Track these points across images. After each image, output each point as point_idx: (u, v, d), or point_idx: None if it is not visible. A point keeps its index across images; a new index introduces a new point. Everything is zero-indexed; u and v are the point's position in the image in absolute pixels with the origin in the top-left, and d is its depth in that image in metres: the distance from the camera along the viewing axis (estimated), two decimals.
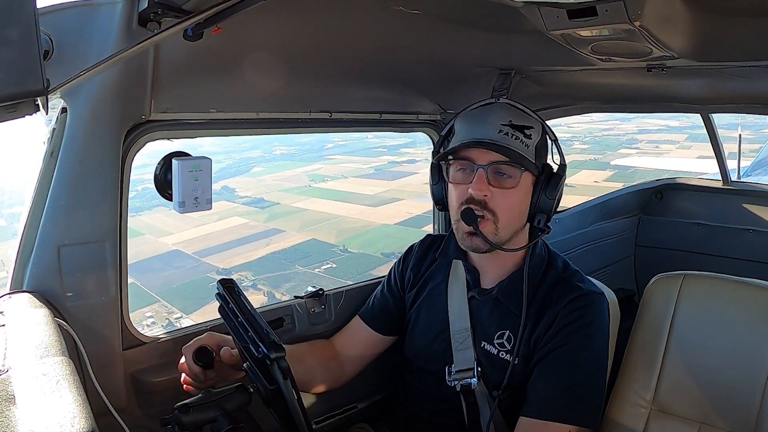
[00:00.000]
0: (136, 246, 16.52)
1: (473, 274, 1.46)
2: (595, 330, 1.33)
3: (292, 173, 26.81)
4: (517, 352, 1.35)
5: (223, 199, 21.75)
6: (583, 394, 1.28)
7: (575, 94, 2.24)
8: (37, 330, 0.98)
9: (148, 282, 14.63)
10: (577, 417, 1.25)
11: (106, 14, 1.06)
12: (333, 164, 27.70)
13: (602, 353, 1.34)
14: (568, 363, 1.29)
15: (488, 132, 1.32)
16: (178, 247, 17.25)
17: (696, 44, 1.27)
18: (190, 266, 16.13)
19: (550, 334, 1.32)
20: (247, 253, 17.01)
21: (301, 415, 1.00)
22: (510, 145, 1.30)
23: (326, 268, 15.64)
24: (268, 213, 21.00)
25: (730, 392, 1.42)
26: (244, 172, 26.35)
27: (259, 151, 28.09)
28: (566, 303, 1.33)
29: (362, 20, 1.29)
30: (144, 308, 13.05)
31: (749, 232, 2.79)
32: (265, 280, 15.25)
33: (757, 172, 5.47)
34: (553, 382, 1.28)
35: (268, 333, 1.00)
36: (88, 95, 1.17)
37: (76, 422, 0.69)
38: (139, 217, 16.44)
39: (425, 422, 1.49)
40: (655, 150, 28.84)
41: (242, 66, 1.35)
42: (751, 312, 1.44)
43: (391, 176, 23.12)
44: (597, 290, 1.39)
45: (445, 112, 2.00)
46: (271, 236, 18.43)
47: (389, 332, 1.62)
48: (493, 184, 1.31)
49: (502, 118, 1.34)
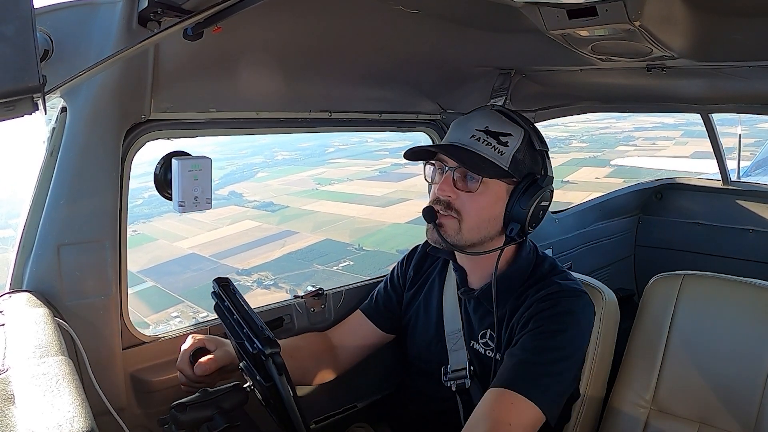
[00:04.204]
0: (151, 251, 17.08)
1: (461, 273, 1.46)
2: (571, 321, 1.30)
3: (297, 177, 27.20)
4: (499, 349, 1.35)
5: (233, 203, 22.26)
6: (544, 374, 1.24)
7: (575, 93, 2.24)
8: (37, 329, 0.98)
9: (169, 284, 15.01)
10: (532, 392, 1.20)
11: (106, 14, 1.06)
12: (336, 168, 28.07)
13: (573, 345, 1.30)
14: (536, 343, 1.27)
15: (461, 136, 1.33)
16: (194, 250, 17.61)
17: (696, 44, 1.27)
18: (209, 268, 16.44)
19: (524, 323, 1.31)
20: (264, 254, 17.38)
21: (298, 413, 1.00)
22: (478, 150, 1.30)
23: (344, 265, 16.06)
24: (279, 216, 21.39)
25: (730, 392, 1.42)
26: (249, 178, 26.80)
27: (261, 156, 28.55)
28: (543, 296, 1.32)
29: (362, 20, 1.29)
30: (169, 309, 13.37)
31: (749, 232, 2.80)
32: (286, 278, 15.64)
33: (757, 172, 5.46)
34: (518, 356, 1.26)
35: (263, 329, 1.01)
36: (88, 95, 1.17)
37: (75, 422, 0.69)
38: (151, 223, 16.68)
39: (424, 422, 1.50)
40: (652, 147, 29.04)
41: (242, 66, 1.34)
42: (751, 312, 1.44)
43: (396, 178, 23.33)
44: (578, 288, 1.36)
45: (445, 112, 2.00)
46: (285, 238, 18.85)
47: (389, 329, 1.62)
48: (459, 187, 1.32)
49: (479, 123, 1.34)
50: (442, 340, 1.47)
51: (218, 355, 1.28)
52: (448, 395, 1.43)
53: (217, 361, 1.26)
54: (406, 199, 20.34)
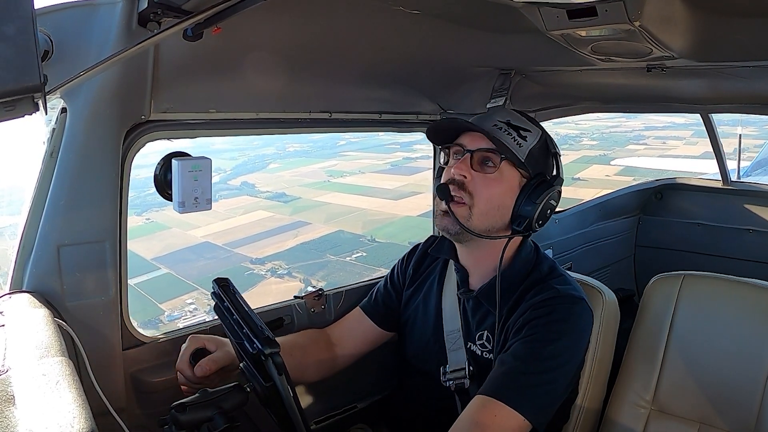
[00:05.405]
0: (165, 239, 17.22)
1: (462, 273, 1.46)
2: (565, 329, 1.29)
3: (309, 169, 27.29)
4: (495, 352, 1.34)
5: (245, 194, 22.41)
6: (533, 385, 1.23)
7: (575, 94, 2.25)
8: (37, 330, 0.98)
9: (184, 272, 15.11)
10: (519, 403, 1.19)
11: (106, 14, 1.06)
12: (348, 160, 28.18)
13: (567, 353, 1.28)
14: (528, 352, 1.26)
15: (484, 124, 1.36)
16: (208, 239, 17.72)
17: (696, 44, 1.27)
18: (223, 257, 16.57)
19: (518, 328, 1.30)
20: (277, 244, 17.48)
21: (298, 413, 1.00)
22: (500, 137, 1.33)
23: (357, 256, 16.18)
24: (291, 207, 21.51)
25: (730, 392, 1.42)
26: (261, 169, 26.90)
27: (272, 148, 28.75)
28: (538, 301, 1.31)
29: (362, 20, 1.29)
30: (183, 296, 13.46)
31: (749, 232, 2.80)
32: (299, 268, 15.74)
33: (757, 172, 5.47)
34: (508, 364, 1.25)
35: (262, 329, 1.01)
36: (88, 95, 1.17)
37: (75, 422, 0.69)
38: (163, 211, 16.77)
39: (423, 422, 1.49)
40: (662, 146, 29.07)
41: (242, 66, 1.35)
42: (751, 312, 1.44)
43: (408, 171, 23.45)
44: (576, 294, 1.34)
45: (445, 112, 2.00)
46: (299, 228, 18.93)
47: (389, 327, 1.62)
48: (475, 169, 1.34)
49: (501, 116, 1.39)
50: (441, 340, 1.47)
51: (218, 356, 1.28)
52: (447, 395, 1.43)
53: (217, 361, 1.26)
54: (417, 192, 20.34)
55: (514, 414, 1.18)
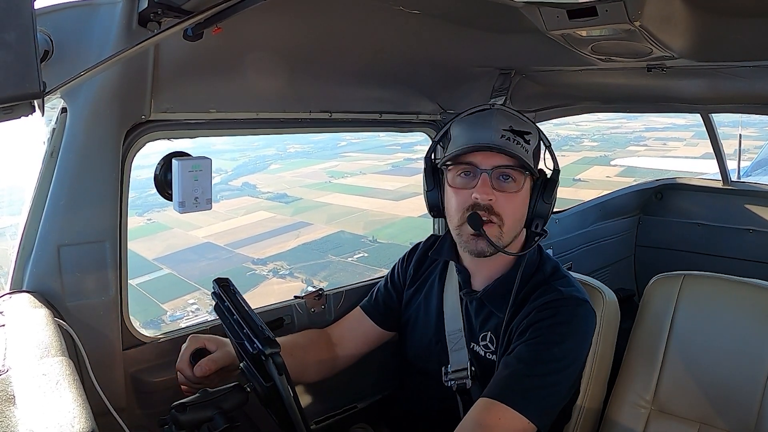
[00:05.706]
0: (166, 239, 17.34)
1: (464, 275, 1.46)
2: (569, 331, 1.29)
3: (310, 170, 27.43)
4: (499, 353, 1.35)
5: (246, 194, 22.59)
6: (537, 387, 1.24)
7: (575, 94, 2.25)
8: (37, 330, 0.98)
9: (185, 272, 15.21)
10: (523, 405, 1.20)
11: (106, 14, 1.06)
12: (349, 161, 28.31)
13: (570, 355, 1.28)
14: (532, 354, 1.26)
15: (491, 136, 1.31)
16: (209, 239, 17.84)
17: (696, 44, 1.27)
18: (225, 257, 16.69)
19: (522, 330, 1.30)
20: (279, 245, 17.62)
21: (298, 413, 1.00)
22: (514, 151, 1.30)
23: (359, 257, 16.32)
24: (293, 207, 21.66)
25: (730, 392, 1.42)
26: (263, 169, 27.08)
27: (273, 149, 28.93)
28: (542, 304, 1.31)
29: (362, 20, 1.29)
30: (185, 296, 13.54)
31: (749, 232, 2.80)
32: (301, 268, 15.87)
33: (757, 172, 5.48)
34: (512, 366, 1.26)
35: (262, 329, 1.01)
36: (88, 95, 1.17)
37: (75, 422, 0.69)
38: (165, 212, 16.82)
39: (424, 422, 1.49)
40: (663, 147, 29.07)
41: (242, 66, 1.35)
42: (751, 312, 1.44)
43: (409, 172, 23.48)
44: (580, 296, 1.35)
45: (445, 112, 2.00)
46: (300, 229, 19.09)
47: (389, 327, 1.62)
48: (496, 188, 1.31)
49: (502, 123, 1.33)
50: (443, 340, 1.47)
51: (218, 356, 1.28)
52: (448, 395, 1.43)
53: (217, 361, 1.26)
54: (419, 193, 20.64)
55: (519, 417, 1.19)
